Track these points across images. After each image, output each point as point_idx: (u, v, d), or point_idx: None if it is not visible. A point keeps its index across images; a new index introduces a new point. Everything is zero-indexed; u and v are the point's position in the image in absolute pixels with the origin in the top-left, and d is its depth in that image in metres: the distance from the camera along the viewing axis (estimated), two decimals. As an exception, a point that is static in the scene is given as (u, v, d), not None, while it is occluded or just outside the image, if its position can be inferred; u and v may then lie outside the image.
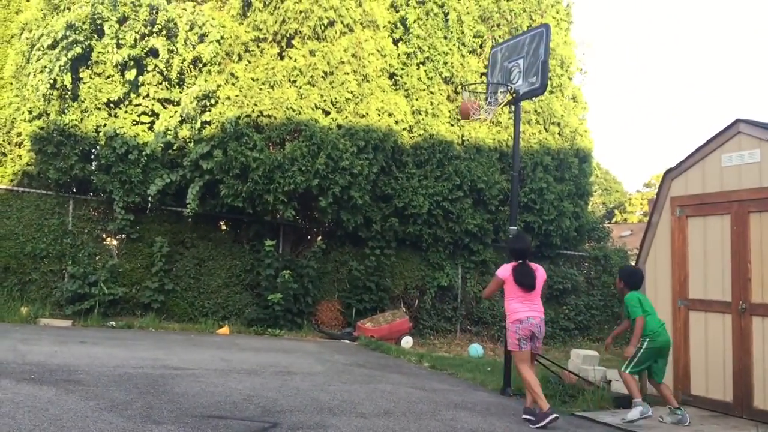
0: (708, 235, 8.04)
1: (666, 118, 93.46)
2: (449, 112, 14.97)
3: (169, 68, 13.07)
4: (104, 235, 13.52)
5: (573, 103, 16.73)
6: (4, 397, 5.69)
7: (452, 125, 14.98)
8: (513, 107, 9.38)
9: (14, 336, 9.63)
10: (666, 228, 8.56)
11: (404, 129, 14.26)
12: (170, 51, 12.99)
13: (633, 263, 16.20)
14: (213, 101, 12.93)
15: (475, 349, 13.06)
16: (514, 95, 9.00)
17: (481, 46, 15.40)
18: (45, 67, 12.47)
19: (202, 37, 13.19)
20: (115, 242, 13.57)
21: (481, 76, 14.62)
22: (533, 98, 13.02)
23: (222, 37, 13.21)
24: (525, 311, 6.74)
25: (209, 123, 12.88)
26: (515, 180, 9.00)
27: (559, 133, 16.06)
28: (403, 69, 14.59)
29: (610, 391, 8.32)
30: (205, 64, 13.23)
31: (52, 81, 12.45)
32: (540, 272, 6.92)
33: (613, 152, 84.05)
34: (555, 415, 6.48)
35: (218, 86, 12.96)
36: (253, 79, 12.96)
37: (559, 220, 15.65)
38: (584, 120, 16.96)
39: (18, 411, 5.28)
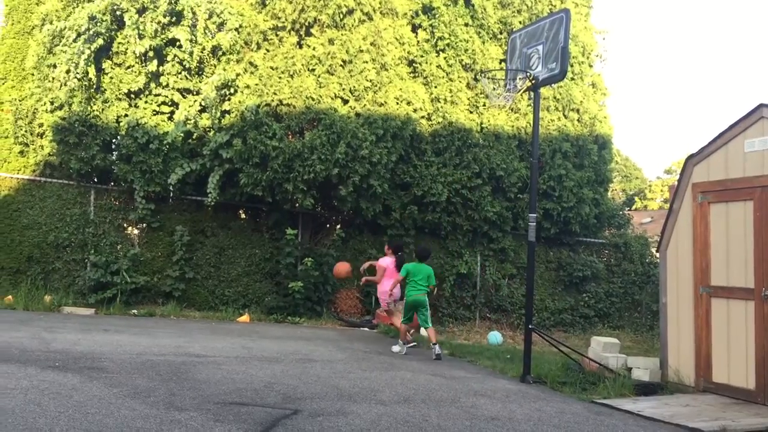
0: (730, 221, 7.95)
1: (687, 103, 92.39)
2: (468, 99, 14.89)
3: (189, 58, 13.11)
4: (125, 225, 13.65)
5: (592, 89, 16.57)
6: (30, 384, 5.78)
7: (471, 112, 14.90)
8: (532, 94, 9.31)
9: (38, 324, 9.78)
10: (687, 214, 8.48)
11: (423, 117, 14.19)
12: (190, 41, 13.02)
13: (654, 250, 16.12)
14: (232, 90, 12.97)
15: (495, 336, 13.06)
16: (533, 82, 8.93)
17: (501, 33, 15.30)
18: (69, 59, 12.54)
19: (220, 26, 13.22)
20: (136, 231, 13.69)
21: (500, 63, 14.52)
22: (552, 85, 12.91)
23: (240, 26, 13.22)
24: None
25: (228, 112, 12.93)
26: (534, 167, 8.94)
27: (578, 120, 15.93)
28: (422, 57, 14.51)
29: (630, 379, 8.29)
30: (224, 53, 13.25)
31: (79, 74, 12.54)
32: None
33: (633, 139, 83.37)
34: (413, 343, 10.52)
35: (237, 75, 12.98)
36: (272, 68, 12.96)
37: (578, 207, 15.56)
38: (604, 106, 16.81)
39: (43, 398, 5.37)
